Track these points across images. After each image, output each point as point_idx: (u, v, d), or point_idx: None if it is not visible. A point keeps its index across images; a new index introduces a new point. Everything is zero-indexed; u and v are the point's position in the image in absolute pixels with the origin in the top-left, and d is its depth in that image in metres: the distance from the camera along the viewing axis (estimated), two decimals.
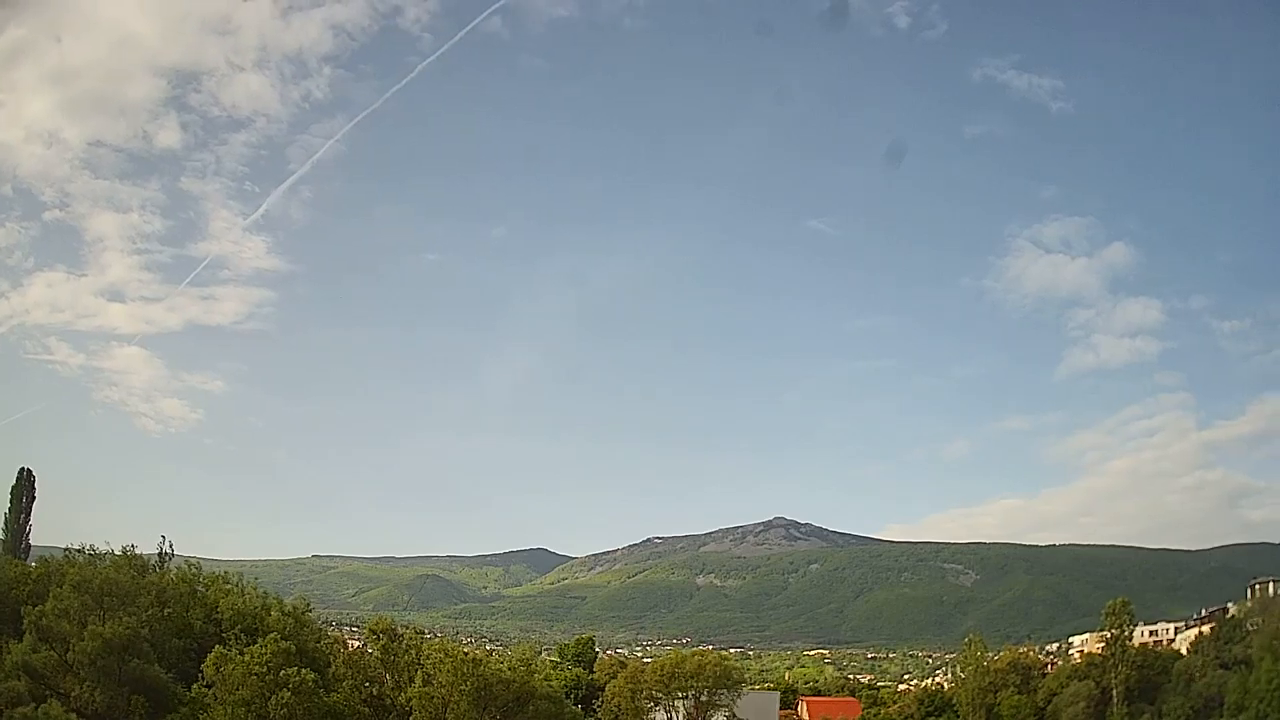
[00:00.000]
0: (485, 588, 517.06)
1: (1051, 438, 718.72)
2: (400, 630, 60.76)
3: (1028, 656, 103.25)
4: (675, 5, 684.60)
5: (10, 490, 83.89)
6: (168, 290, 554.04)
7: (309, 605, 66.46)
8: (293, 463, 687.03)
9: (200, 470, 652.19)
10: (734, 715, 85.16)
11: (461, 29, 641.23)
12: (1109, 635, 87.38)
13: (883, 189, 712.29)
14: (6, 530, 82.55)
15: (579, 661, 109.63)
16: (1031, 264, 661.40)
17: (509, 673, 55.88)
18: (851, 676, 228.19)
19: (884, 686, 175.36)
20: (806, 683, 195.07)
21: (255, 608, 57.13)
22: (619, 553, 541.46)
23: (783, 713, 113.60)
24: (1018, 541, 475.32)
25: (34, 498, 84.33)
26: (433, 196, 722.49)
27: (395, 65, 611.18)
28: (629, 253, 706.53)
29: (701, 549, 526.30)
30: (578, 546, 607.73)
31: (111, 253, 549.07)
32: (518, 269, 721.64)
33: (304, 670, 47.45)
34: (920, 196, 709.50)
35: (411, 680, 53.17)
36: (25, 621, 49.11)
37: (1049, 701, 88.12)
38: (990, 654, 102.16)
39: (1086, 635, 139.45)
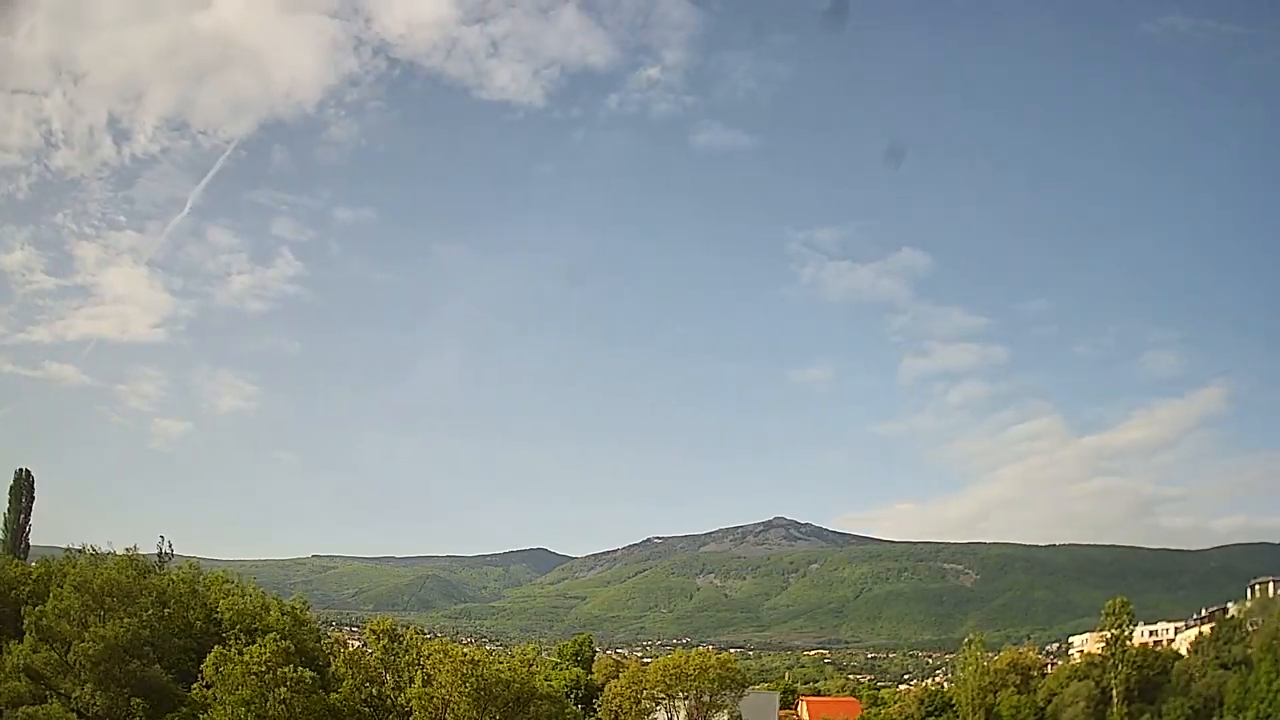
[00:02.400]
0: (485, 588, 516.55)
1: (926, 443, 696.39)
2: (401, 630, 60.67)
3: (1028, 656, 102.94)
4: None
5: (9, 490, 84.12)
6: (64, 310, 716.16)
7: (308, 605, 66.52)
8: (291, 463, 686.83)
9: (188, 471, 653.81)
10: (735, 715, 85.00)
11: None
12: (1109, 635, 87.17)
13: (624, 196, 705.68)
14: (6, 530, 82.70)
15: (578, 661, 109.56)
16: (820, 270, 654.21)
17: (509, 673, 55.84)
18: (851, 676, 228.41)
19: (884, 686, 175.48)
20: (806, 683, 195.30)
21: (255, 608, 57.03)
22: (619, 553, 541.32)
23: (783, 713, 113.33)
24: (1018, 541, 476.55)
25: (33, 498, 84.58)
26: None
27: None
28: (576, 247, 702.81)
29: (701, 549, 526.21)
30: (578, 546, 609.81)
31: (13, 285, 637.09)
32: (501, 258, 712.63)
33: (303, 669, 47.41)
34: (666, 203, 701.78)
35: (411, 680, 53.15)
36: (25, 622, 49.08)
37: (1049, 701, 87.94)
38: (990, 654, 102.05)
39: (1086, 635, 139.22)
